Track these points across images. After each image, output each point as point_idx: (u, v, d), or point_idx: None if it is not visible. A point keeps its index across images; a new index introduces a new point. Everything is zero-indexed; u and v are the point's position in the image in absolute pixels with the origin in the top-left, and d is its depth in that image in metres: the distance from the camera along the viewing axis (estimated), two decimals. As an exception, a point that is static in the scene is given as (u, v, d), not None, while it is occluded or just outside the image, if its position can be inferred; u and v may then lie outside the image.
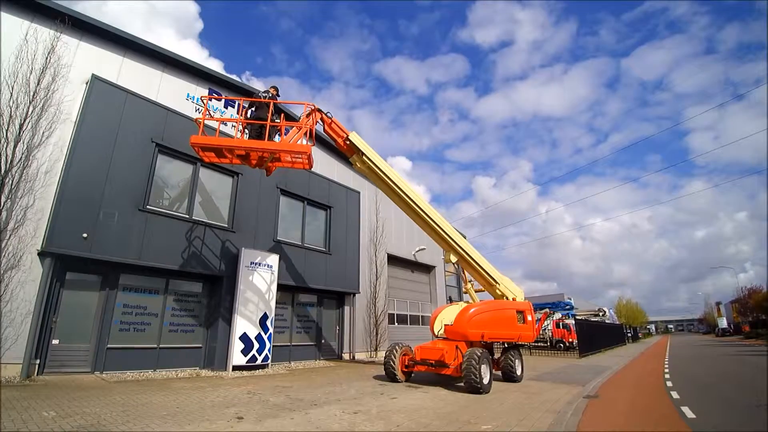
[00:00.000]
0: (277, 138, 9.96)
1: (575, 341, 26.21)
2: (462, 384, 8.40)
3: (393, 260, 19.48)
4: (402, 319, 19.83)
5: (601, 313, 37.78)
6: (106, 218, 9.09)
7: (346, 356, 15.34)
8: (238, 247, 11.48)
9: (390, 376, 9.50)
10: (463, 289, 11.15)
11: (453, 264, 10.96)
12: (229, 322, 10.89)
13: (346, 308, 15.84)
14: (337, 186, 16.24)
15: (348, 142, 10.78)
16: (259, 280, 11.48)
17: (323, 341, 14.77)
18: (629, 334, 41.78)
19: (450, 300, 12.37)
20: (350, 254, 16.07)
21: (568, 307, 32.84)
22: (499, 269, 11.22)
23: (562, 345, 26.06)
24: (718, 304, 73.55)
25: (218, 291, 11.30)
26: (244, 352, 10.75)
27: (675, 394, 8.72)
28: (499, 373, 10.01)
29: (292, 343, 13.58)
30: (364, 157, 10.78)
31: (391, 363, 9.44)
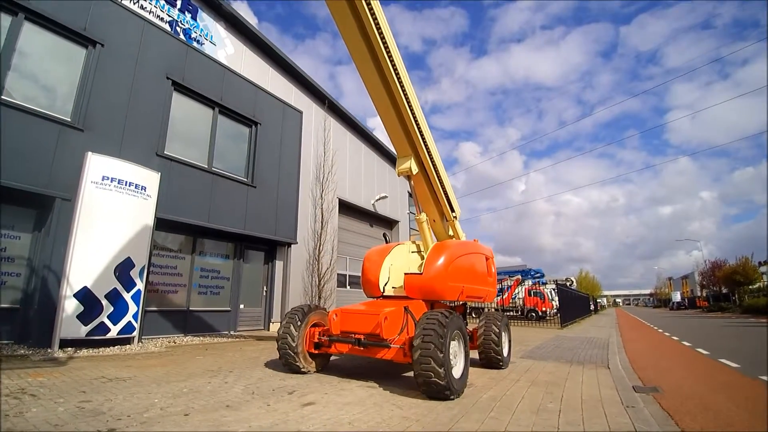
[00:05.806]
0: None
1: (549, 310, 24.00)
2: (414, 375, 4.13)
3: (346, 209, 15.59)
4: (356, 282, 16.17)
5: (568, 283, 36.18)
6: None
7: (275, 327, 11.52)
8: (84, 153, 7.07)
9: (289, 366, 5.13)
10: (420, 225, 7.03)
11: (409, 180, 6.80)
12: (59, 269, 6.65)
13: (278, 263, 11.88)
14: (270, 98, 11.86)
15: None
16: (121, 206, 7.18)
17: (242, 306, 10.80)
18: (592, 306, 41.03)
19: (386, 239, 7.79)
20: (285, 191, 11.95)
21: (538, 275, 30.69)
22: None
23: (534, 314, 23.68)
24: (669, 279, 75.83)
25: (47, 220, 6.98)
26: (84, 318, 6.58)
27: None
28: (475, 353, 6.04)
29: (190, 308, 9.51)
30: None
31: (290, 340, 5.03)
